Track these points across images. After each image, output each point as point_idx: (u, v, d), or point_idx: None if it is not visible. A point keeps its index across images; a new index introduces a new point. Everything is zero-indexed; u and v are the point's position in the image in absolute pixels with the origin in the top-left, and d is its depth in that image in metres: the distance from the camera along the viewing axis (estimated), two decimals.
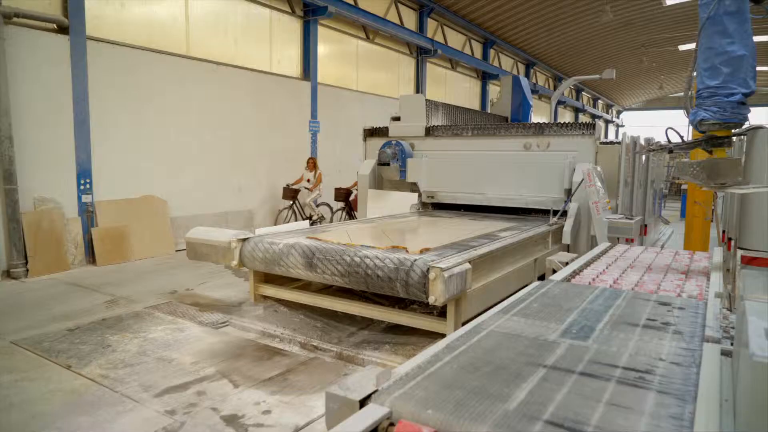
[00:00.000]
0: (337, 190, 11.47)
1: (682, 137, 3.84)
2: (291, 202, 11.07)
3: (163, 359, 4.36)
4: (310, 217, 11.29)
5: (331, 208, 11.93)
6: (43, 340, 4.77)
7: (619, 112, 45.40)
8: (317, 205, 11.54)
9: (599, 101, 38.26)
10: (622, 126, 44.77)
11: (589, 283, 3.55)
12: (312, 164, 11.40)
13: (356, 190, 10.94)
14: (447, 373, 1.99)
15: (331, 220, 11.69)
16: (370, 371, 1.99)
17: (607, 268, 4.04)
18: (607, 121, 41.39)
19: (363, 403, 1.79)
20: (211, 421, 3.34)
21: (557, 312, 2.79)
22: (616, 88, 35.76)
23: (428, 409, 1.70)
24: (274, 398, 3.67)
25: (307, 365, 4.30)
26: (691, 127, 3.91)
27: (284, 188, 11.20)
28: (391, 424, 1.68)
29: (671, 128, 3.87)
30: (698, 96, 3.62)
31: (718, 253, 4.63)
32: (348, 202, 11.35)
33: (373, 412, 1.70)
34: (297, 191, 11.19)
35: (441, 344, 2.32)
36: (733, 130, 3.76)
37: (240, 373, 4.10)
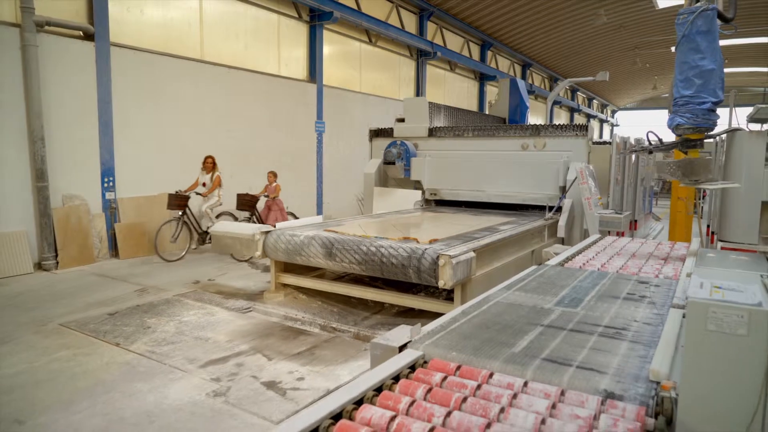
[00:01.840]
0: (241, 196, 9.41)
1: (660, 139, 4.36)
2: (180, 213, 8.58)
3: (200, 338, 4.86)
4: (205, 233, 8.94)
5: (235, 219, 9.50)
6: (87, 322, 5.26)
7: (613, 112, 46.04)
8: (217, 216, 9.18)
9: (594, 101, 38.86)
10: (617, 125, 45.41)
11: (580, 267, 4.06)
12: (210, 164, 9.07)
13: (266, 196, 9.62)
14: (465, 329, 2.51)
15: None
16: (403, 328, 2.51)
17: (596, 255, 4.56)
18: (602, 121, 42.02)
19: (401, 349, 2.31)
20: (253, 386, 3.85)
21: (552, 288, 3.32)
22: (611, 88, 36.36)
23: (453, 351, 2.22)
24: (305, 368, 4.18)
25: (329, 342, 4.82)
26: None
27: (170, 195, 8.61)
28: (425, 362, 2.19)
29: (651, 132, 4.39)
30: (674, 104, 4.15)
31: (695, 242, 5.16)
32: (255, 212, 9.41)
33: (411, 354, 2.22)
34: (186, 198, 8.66)
35: (457, 311, 2.85)
36: (707, 133, 4.29)
37: (271, 349, 4.62)
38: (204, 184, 9.07)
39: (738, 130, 6.64)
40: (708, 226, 8.57)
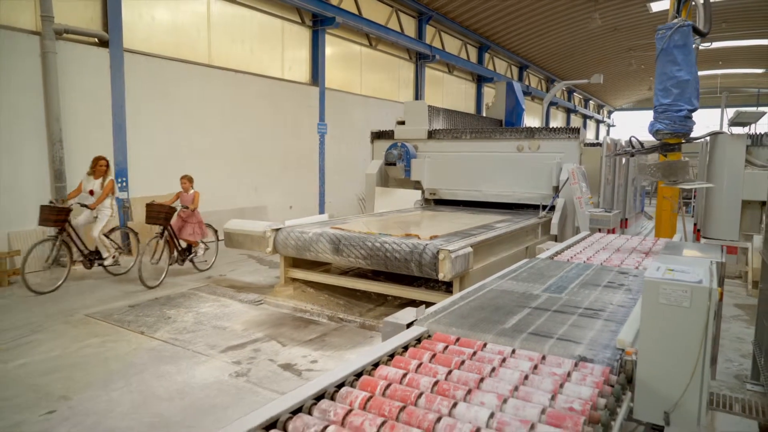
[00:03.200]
0: (152, 207, 7.22)
1: (641, 143, 4.76)
2: (57, 230, 6.64)
3: (218, 327, 5.25)
4: (92, 256, 7.08)
5: (135, 235, 7.81)
6: (111, 313, 5.64)
7: (610, 113, 46.49)
8: (109, 232, 7.27)
9: (590, 102, 39.30)
10: (614, 126, 45.87)
11: (568, 260, 4.46)
12: (102, 168, 7.09)
13: (182, 206, 7.65)
14: (463, 310, 2.90)
15: (137, 254, 7.35)
16: (410, 310, 2.90)
17: (583, 250, 4.95)
18: (598, 122, 42.47)
19: (408, 326, 2.70)
20: (270, 368, 4.24)
21: (541, 277, 3.71)
22: (607, 90, 36.80)
23: (453, 327, 2.61)
24: (317, 353, 4.57)
25: (338, 331, 5.21)
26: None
27: (42, 208, 6.66)
28: (429, 336, 2.58)
29: (633, 136, 4.79)
30: (655, 111, 4.54)
31: (677, 238, 5.56)
32: (169, 226, 7.25)
33: (417, 329, 2.61)
34: (67, 212, 6.69)
35: (457, 296, 3.24)
36: (689, 136, 4.67)
37: (284, 336, 5.00)
38: (92, 192, 7.06)
39: (720, 134, 7.07)
40: (695, 224, 8.99)
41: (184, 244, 7.67)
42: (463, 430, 1.62)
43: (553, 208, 7.97)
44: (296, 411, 1.78)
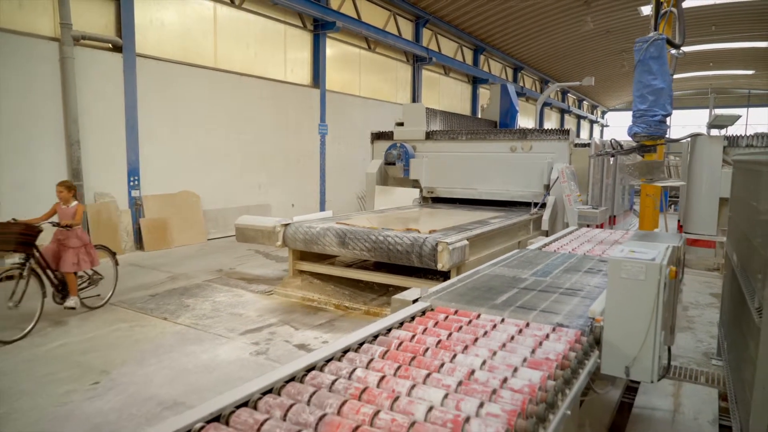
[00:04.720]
0: (7, 227, 5.05)
1: (621, 145, 5.24)
2: None
3: (234, 314, 5.69)
4: None
5: None
6: (134, 302, 6.07)
7: (603, 113, 47.11)
8: None
9: (584, 102, 39.89)
10: (607, 126, 46.49)
11: (555, 250, 4.93)
12: None
13: (56, 224, 5.41)
14: (460, 290, 3.37)
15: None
16: (414, 289, 3.36)
17: (570, 242, 5.43)
18: (592, 122, 43.06)
19: (414, 302, 3.16)
20: (286, 348, 4.69)
21: (529, 265, 4.18)
22: (600, 90, 37.38)
23: (452, 302, 3.08)
24: (327, 335, 5.03)
25: (345, 317, 5.67)
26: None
27: None
28: (432, 309, 3.04)
29: (614, 139, 5.26)
30: (633, 116, 5.02)
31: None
32: (36, 252, 5.18)
33: (421, 304, 3.08)
34: None
35: (455, 279, 3.70)
36: (664, 138, 5.15)
37: (296, 321, 5.46)
38: None
39: (699, 135, 7.59)
40: (678, 220, 9.50)
41: (61, 276, 5.44)
42: (462, 371, 2.08)
43: (544, 205, 8.45)
44: (328, 360, 2.25)
